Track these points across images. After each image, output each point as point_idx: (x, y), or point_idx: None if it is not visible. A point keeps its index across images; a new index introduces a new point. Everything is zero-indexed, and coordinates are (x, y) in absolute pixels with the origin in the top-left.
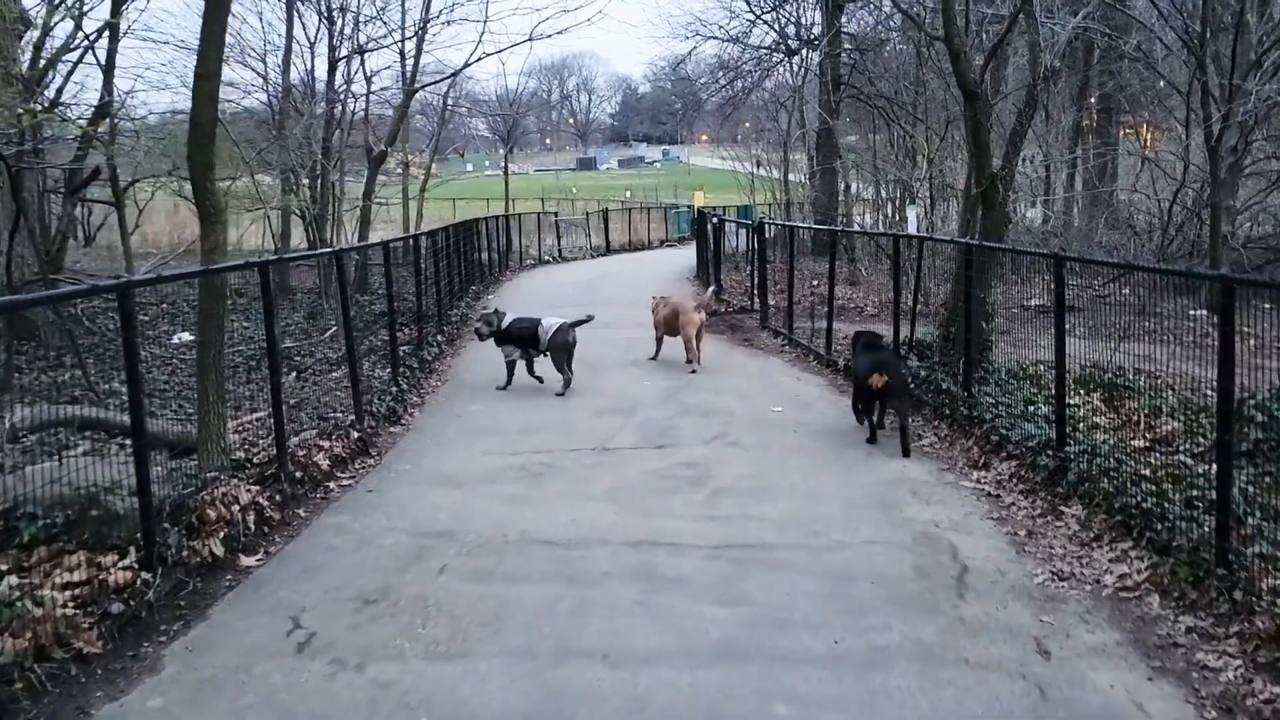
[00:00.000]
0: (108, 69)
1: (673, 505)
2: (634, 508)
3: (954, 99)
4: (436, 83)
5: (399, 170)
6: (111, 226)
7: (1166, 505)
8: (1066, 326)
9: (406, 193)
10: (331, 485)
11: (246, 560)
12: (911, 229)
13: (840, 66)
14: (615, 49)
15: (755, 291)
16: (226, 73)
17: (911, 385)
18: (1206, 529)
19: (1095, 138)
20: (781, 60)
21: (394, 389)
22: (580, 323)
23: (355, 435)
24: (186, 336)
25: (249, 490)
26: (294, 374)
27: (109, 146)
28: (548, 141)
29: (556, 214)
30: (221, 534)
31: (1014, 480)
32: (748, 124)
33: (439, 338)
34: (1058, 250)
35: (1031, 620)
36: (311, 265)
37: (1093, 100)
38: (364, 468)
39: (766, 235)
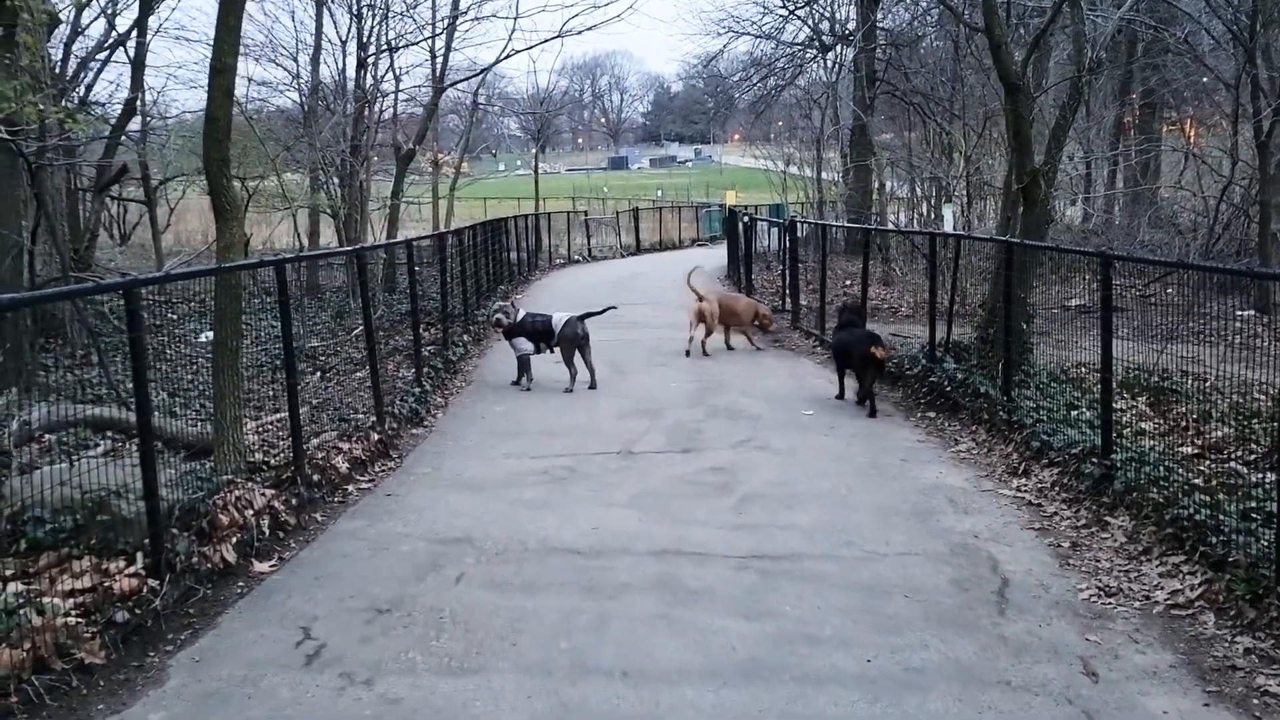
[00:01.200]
0: (136, 66)
1: (699, 512)
2: (659, 514)
3: (992, 94)
4: (466, 79)
5: (429, 169)
6: (149, 224)
7: (1221, 517)
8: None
9: (436, 191)
10: (350, 488)
11: (259, 566)
12: (948, 227)
13: (875, 62)
14: (647, 47)
15: (787, 291)
16: (259, 72)
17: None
18: (1265, 543)
19: (1138, 134)
20: (815, 57)
21: (417, 390)
22: (590, 315)
23: (376, 437)
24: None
25: (264, 494)
26: (319, 373)
27: (140, 145)
28: (579, 141)
29: (586, 213)
30: (234, 539)
31: (1056, 489)
32: (780, 123)
33: (465, 337)
34: (1103, 249)
35: (1077, 639)
36: (341, 264)
37: (1135, 96)
38: (384, 470)
39: (798, 234)
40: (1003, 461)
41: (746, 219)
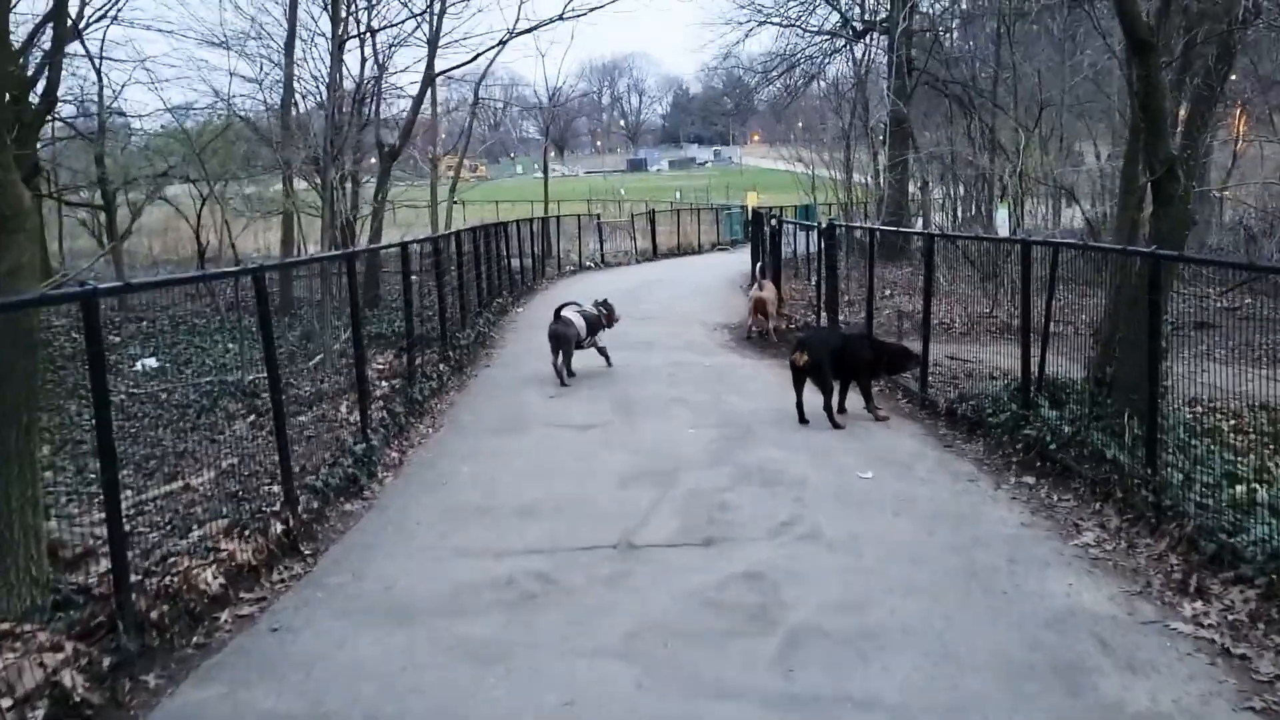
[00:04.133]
0: (54, 48)
1: (727, 667)
2: (665, 673)
3: (1049, 81)
4: (458, 67)
5: (427, 169)
6: (148, 230)
7: None
8: (1202, 348)
9: (435, 193)
10: (222, 617)
11: None
12: (1003, 230)
13: (912, 48)
14: (666, 49)
15: (823, 306)
16: (245, 67)
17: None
18: None
19: (1193, 128)
20: (845, 45)
21: (360, 446)
22: None
23: (279, 528)
24: (153, 363)
25: (43, 664)
26: (252, 416)
27: (98, 144)
28: (599, 144)
29: (599, 216)
30: None
31: (1261, 625)
32: (801, 123)
33: (441, 366)
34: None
35: None
36: (317, 274)
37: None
38: (282, 581)
39: (834, 238)
40: (1157, 567)
41: (774, 222)
